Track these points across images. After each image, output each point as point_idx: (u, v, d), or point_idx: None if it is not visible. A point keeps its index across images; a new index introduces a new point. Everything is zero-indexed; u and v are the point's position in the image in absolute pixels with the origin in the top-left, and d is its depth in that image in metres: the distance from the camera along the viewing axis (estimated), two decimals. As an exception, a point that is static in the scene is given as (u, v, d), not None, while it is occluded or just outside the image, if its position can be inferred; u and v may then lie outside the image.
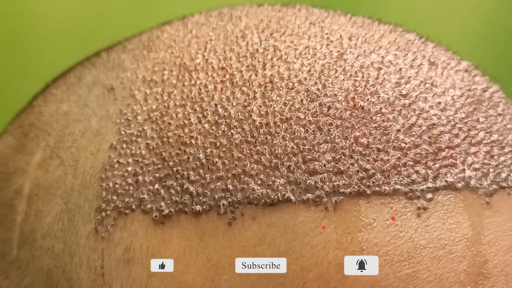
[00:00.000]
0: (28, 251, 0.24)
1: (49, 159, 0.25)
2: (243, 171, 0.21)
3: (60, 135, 0.26)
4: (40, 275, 0.24)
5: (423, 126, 0.22)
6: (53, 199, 0.24)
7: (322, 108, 0.22)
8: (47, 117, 0.27)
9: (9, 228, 0.25)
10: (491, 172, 0.22)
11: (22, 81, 0.29)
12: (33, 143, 0.26)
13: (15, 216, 0.25)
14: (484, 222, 0.21)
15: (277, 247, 0.20)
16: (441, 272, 0.20)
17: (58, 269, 0.23)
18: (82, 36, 0.42)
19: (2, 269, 0.25)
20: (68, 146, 0.25)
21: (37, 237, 0.24)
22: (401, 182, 0.21)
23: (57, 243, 0.23)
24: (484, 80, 0.26)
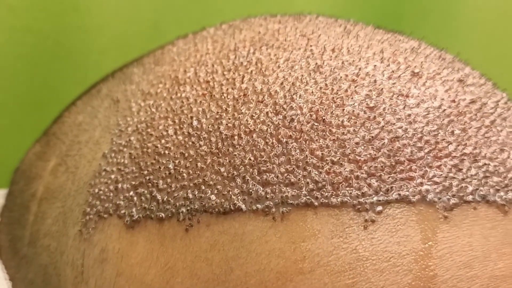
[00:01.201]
0: (33, 248, 0.27)
1: (58, 165, 0.28)
2: (203, 181, 0.22)
3: (71, 143, 0.28)
4: (39, 270, 0.26)
5: (385, 139, 0.22)
6: (55, 202, 0.26)
7: (285, 120, 0.23)
8: (66, 126, 0.30)
9: (24, 227, 0.28)
10: (454, 186, 0.22)
11: (77, 93, 0.32)
12: (51, 151, 0.29)
13: (29, 216, 0.28)
14: (438, 237, 0.21)
15: (226, 253, 0.21)
16: (382, 284, 0.20)
17: (52, 265, 0.25)
18: (138, 48, 0.45)
19: (15, 264, 0.28)
20: (74, 154, 0.27)
21: (40, 236, 0.27)
22: (350, 194, 0.21)
23: (52, 242, 0.26)
24: (483, 90, 0.26)
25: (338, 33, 0.27)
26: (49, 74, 0.41)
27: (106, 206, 0.24)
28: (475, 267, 0.21)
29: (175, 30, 0.45)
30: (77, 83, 0.44)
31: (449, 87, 0.25)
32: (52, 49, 0.42)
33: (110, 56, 0.35)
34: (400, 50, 0.26)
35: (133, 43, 0.37)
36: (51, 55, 0.37)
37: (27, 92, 0.40)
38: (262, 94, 0.23)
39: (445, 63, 0.26)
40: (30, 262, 0.27)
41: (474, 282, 0.21)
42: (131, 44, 0.39)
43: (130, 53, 0.45)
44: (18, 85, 0.35)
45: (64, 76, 0.31)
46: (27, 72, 0.35)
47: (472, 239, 0.21)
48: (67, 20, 0.44)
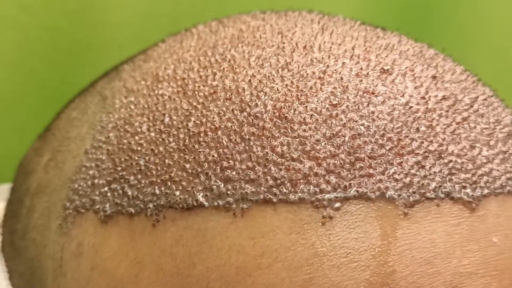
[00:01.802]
0: (23, 241, 0.28)
1: (50, 161, 0.29)
2: (169, 177, 0.23)
3: (62, 139, 0.29)
4: (27, 263, 0.27)
5: (346, 136, 0.22)
6: (43, 196, 0.28)
7: (249, 118, 0.23)
8: (61, 122, 0.31)
9: (18, 220, 0.29)
10: (415, 182, 0.22)
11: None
12: (46, 146, 0.30)
13: (23, 210, 0.29)
14: (398, 233, 0.21)
15: (189, 248, 0.22)
16: (339, 279, 0.20)
17: (36, 258, 0.26)
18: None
19: (12, 256, 0.30)
20: (63, 149, 0.28)
21: (29, 229, 0.28)
22: (308, 191, 0.21)
23: (38, 236, 0.27)
24: (460, 87, 0.25)
25: (315, 30, 0.27)
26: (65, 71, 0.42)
27: (83, 201, 0.25)
28: (437, 264, 0.21)
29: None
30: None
31: (420, 83, 0.24)
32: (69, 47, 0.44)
33: (127, 53, 0.36)
34: (374, 47, 0.26)
35: (151, 39, 0.37)
36: (67, 52, 0.38)
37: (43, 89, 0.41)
38: (231, 92, 0.24)
39: (422, 59, 0.26)
40: (20, 254, 0.28)
41: (435, 278, 0.21)
42: (149, 40, 0.40)
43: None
44: (35, 82, 0.36)
45: (81, 73, 0.32)
46: (43, 69, 0.37)
47: (435, 235, 0.21)
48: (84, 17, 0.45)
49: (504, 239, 0.22)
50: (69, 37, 0.44)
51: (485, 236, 0.22)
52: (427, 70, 0.25)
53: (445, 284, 0.21)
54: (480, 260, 0.22)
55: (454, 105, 0.24)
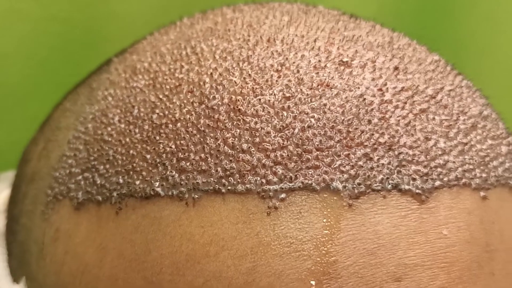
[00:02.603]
0: (17, 226, 0.30)
1: (42, 149, 0.30)
2: (132, 167, 0.24)
3: (54, 129, 0.30)
4: (19, 246, 0.29)
5: (296, 128, 0.23)
6: (34, 184, 0.29)
7: (206, 110, 0.24)
8: (56, 113, 0.32)
9: (15, 206, 0.31)
10: (361, 174, 0.22)
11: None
12: (41, 136, 0.32)
13: (19, 196, 0.31)
14: (342, 224, 0.22)
15: (146, 235, 0.23)
16: (282, 268, 0.21)
17: (25, 242, 0.28)
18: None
19: (10, 239, 0.31)
20: (54, 139, 0.30)
21: (22, 214, 0.29)
22: (255, 182, 0.22)
23: (27, 221, 0.28)
24: (425, 78, 0.25)
25: (283, 22, 0.27)
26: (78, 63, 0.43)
27: (61, 189, 0.26)
28: (381, 255, 0.21)
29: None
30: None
31: (380, 75, 0.24)
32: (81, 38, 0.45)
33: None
34: (338, 39, 0.26)
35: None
36: (80, 44, 0.40)
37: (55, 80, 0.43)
38: (193, 85, 0.25)
39: (388, 50, 0.26)
40: (15, 238, 0.30)
41: (378, 269, 0.21)
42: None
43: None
44: (47, 73, 0.38)
45: (93, 64, 0.33)
46: (56, 60, 0.38)
47: (379, 227, 0.22)
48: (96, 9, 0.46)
49: (456, 232, 0.23)
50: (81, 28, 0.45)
51: (434, 228, 0.22)
52: (390, 61, 0.25)
53: (388, 275, 0.21)
54: (428, 252, 0.22)
55: (413, 96, 0.24)
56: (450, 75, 0.27)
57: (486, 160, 0.25)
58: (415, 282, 0.22)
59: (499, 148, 0.26)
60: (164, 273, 0.22)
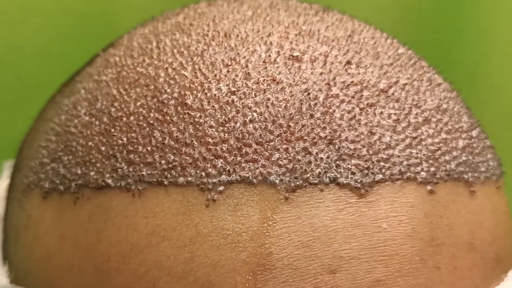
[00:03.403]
0: (6, 212, 0.32)
1: (31, 140, 0.32)
2: (89, 159, 0.25)
3: (43, 120, 0.32)
4: (11, 231, 0.31)
5: (238, 122, 0.23)
6: (18, 172, 0.31)
7: (157, 104, 0.25)
8: (47, 104, 0.34)
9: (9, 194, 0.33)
10: (298, 168, 0.22)
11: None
12: (32, 126, 0.33)
13: (10, 184, 0.33)
14: (277, 217, 0.22)
15: (97, 224, 0.24)
16: (218, 259, 0.22)
17: (9, 227, 0.30)
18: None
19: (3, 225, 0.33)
20: (38, 130, 0.31)
21: (9, 201, 0.31)
22: (195, 175, 0.23)
23: (11, 207, 0.30)
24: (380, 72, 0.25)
25: (244, 16, 0.27)
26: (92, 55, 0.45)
27: (34, 178, 0.27)
28: (316, 247, 0.22)
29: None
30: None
31: (329, 70, 0.25)
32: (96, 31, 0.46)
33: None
34: (294, 33, 0.26)
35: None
36: (95, 37, 0.41)
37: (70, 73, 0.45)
38: (150, 79, 0.25)
39: (345, 44, 0.26)
40: (5, 223, 0.32)
41: (313, 261, 0.22)
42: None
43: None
44: (63, 66, 0.39)
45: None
46: (71, 54, 0.40)
47: (315, 220, 0.22)
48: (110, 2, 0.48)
49: (396, 225, 0.23)
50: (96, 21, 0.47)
51: (373, 222, 0.22)
52: (344, 56, 0.25)
53: (323, 267, 0.22)
54: (365, 245, 0.22)
55: (362, 90, 0.24)
56: (411, 68, 0.27)
57: (437, 154, 0.24)
58: (351, 275, 0.22)
59: (454, 142, 0.25)
60: (111, 262, 0.23)
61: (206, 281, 0.22)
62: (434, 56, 0.42)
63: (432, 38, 0.53)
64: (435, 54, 0.51)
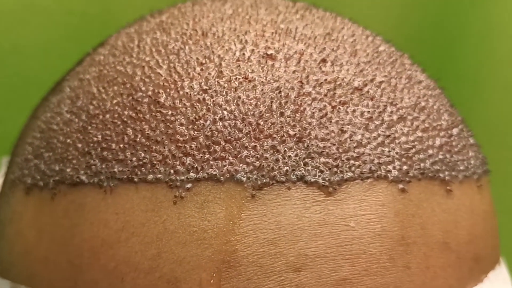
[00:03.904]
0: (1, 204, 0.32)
1: (22, 137, 0.32)
2: (66, 156, 0.25)
3: (33, 118, 0.32)
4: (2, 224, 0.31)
5: (208, 120, 0.23)
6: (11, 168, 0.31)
7: (132, 102, 0.25)
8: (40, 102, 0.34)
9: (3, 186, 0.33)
10: (265, 166, 0.23)
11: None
12: (26, 124, 0.34)
13: None
14: (243, 214, 0.22)
15: (72, 220, 0.24)
16: (184, 255, 0.22)
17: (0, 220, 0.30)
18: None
19: None
20: (30, 127, 0.32)
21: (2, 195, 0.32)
22: (164, 172, 0.23)
23: (1, 202, 0.30)
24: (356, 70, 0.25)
25: (223, 15, 0.28)
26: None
27: (19, 174, 0.28)
28: (281, 245, 0.22)
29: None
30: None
31: (303, 68, 0.25)
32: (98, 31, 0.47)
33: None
34: (269, 32, 0.26)
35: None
36: (96, 37, 0.42)
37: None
38: (127, 77, 0.26)
39: (322, 42, 0.26)
40: None
41: (277, 259, 0.22)
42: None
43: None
44: (65, 66, 0.40)
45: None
46: (73, 53, 0.40)
47: (282, 218, 0.22)
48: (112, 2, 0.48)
49: (365, 224, 0.23)
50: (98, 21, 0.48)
51: (341, 220, 0.22)
52: (319, 53, 0.25)
53: (288, 265, 0.22)
54: (331, 244, 0.22)
55: (335, 89, 0.24)
56: (389, 66, 0.26)
57: (411, 152, 0.24)
58: (316, 273, 0.22)
59: (431, 140, 0.25)
60: (83, 257, 0.24)
61: (172, 277, 0.22)
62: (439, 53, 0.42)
63: (436, 35, 0.53)
64: (439, 51, 0.51)
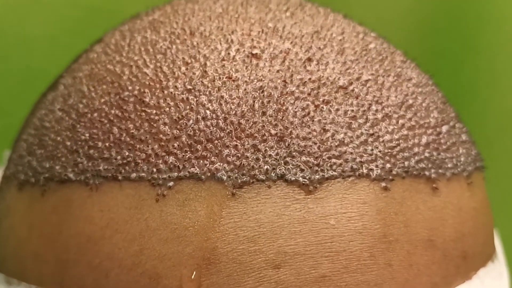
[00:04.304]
0: None
1: (20, 133, 0.33)
2: (55, 153, 0.26)
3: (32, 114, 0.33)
4: None
5: (191, 120, 0.24)
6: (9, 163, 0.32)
7: (119, 101, 0.25)
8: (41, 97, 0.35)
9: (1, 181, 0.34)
10: (246, 165, 0.23)
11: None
12: (25, 120, 0.34)
13: None
14: (224, 212, 0.22)
15: (59, 216, 0.25)
16: (165, 252, 0.22)
17: None
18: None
19: None
20: (27, 124, 0.32)
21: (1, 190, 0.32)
22: (147, 170, 0.23)
23: None
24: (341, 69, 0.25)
25: (213, 14, 0.28)
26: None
27: (13, 170, 0.29)
28: (260, 242, 0.22)
29: None
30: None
31: (288, 67, 0.25)
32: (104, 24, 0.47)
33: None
34: (256, 31, 0.26)
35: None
36: (103, 30, 0.42)
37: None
38: (116, 76, 0.26)
39: (309, 41, 0.26)
40: None
41: (257, 256, 0.22)
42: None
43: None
44: (71, 58, 0.40)
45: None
46: (81, 46, 0.41)
47: (262, 216, 0.22)
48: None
49: (345, 222, 0.23)
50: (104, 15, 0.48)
51: (321, 218, 0.23)
52: (305, 52, 0.25)
53: (267, 262, 0.22)
54: (311, 241, 0.22)
55: (319, 87, 0.24)
56: (378, 64, 0.26)
57: (395, 150, 0.24)
58: (295, 270, 0.22)
59: (417, 138, 0.25)
60: (70, 252, 0.24)
61: (153, 273, 0.22)
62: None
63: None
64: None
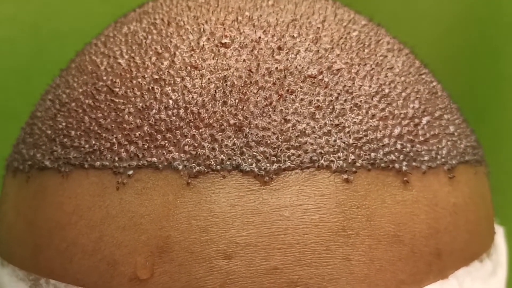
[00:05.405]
0: None
1: None
2: (37, 142, 0.27)
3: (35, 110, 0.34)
4: None
5: (153, 109, 0.24)
6: None
7: (93, 91, 0.26)
8: None
9: None
10: (201, 154, 0.23)
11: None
12: None
13: None
14: (179, 201, 0.23)
15: (37, 202, 0.26)
16: (122, 239, 0.23)
17: None
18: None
19: None
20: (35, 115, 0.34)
21: None
22: (110, 159, 0.24)
23: None
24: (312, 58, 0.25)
25: (196, 3, 0.28)
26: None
27: (11, 159, 0.30)
28: (213, 232, 0.22)
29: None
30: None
31: (256, 56, 0.24)
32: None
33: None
34: (230, 19, 0.26)
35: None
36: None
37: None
38: (95, 66, 0.27)
39: (283, 29, 0.26)
40: None
41: (208, 246, 0.22)
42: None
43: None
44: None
45: None
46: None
47: (215, 205, 0.22)
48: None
49: (301, 214, 0.22)
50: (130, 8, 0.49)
51: (275, 210, 0.22)
52: (276, 41, 0.25)
53: (218, 252, 0.22)
54: (264, 233, 0.22)
55: (286, 77, 0.24)
56: (355, 52, 0.26)
57: (361, 142, 0.24)
58: (246, 261, 0.22)
59: (389, 129, 0.24)
60: (43, 237, 0.25)
61: (111, 259, 0.23)
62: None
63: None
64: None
